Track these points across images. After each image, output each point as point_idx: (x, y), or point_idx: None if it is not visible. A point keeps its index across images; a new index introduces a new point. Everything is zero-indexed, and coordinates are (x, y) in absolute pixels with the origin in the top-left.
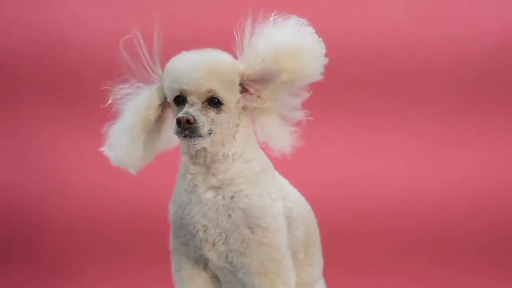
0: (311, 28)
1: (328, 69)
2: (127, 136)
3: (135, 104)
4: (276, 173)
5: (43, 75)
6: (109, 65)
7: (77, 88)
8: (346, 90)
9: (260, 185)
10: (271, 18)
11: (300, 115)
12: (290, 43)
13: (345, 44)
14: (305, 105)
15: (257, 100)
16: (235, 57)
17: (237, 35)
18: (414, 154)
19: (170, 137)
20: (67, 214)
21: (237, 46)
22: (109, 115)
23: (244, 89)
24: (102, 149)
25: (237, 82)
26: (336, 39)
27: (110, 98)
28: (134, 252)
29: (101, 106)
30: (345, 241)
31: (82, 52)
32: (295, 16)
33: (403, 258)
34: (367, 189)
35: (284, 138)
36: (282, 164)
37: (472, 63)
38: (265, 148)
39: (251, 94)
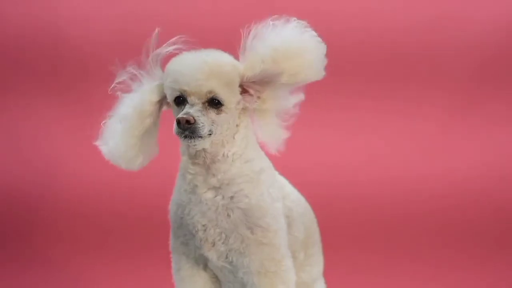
0: (311, 31)
1: (330, 54)
2: (120, 129)
3: (132, 98)
4: (276, 173)
5: (38, 63)
6: (105, 53)
7: (73, 76)
8: (349, 74)
9: (260, 185)
10: (272, 20)
11: (296, 111)
12: (289, 44)
13: (347, 28)
14: (306, 89)
15: (257, 101)
16: (236, 57)
17: (240, 36)
18: (416, 140)
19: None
20: (63, 208)
21: (240, 47)
22: (106, 103)
23: (244, 90)
24: (96, 143)
25: (238, 83)
26: (336, 23)
27: (115, 81)
28: (134, 252)
29: (109, 91)
30: (344, 233)
31: (78, 40)
32: (295, 18)
33: (403, 253)
34: (368, 176)
35: (279, 135)
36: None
37: (479, 49)
38: (264, 147)
39: (251, 95)
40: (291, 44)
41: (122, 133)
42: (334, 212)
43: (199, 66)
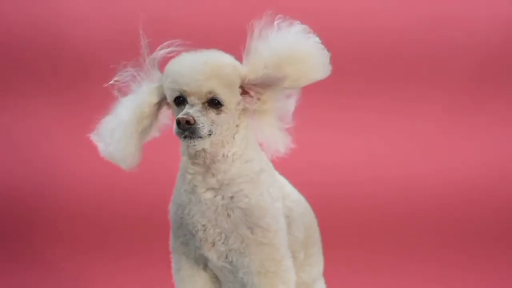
0: (315, 36)
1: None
2: (119, 130)
3: (131, 99)
4: (276, 173)
5: (38, 63)
6: (105, 53)
7: (73, 76)
8: (349, 74)
9: (260, 185)
10: (276, 23)
11: (294, 115)
12: (293, 50)
13: (347, 26)
14: (306, 88)
15: (257, 103)
16: (237, 58)
17: (241, 37)
18: (417, 140)
19: (155, 135)
20: (63, 208)
21: (244, 48)
22: (106, 102)
23: (244, 91)
24: (91, 136)
25: (238, 84)
26: (336, 22)
27: (114, 79)
28: (134, 252)
29: (103, 85)
30: (344, 233)
31: (79, 39)
32: (299, 22)
33: (403, 253)
34: (368, 176)
35: (280, 139)
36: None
37: (479, 48)
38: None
39: (251, 96)
40: (295, 50)
41: (121, 134)
42: (334, 212)
43: (199, 67)
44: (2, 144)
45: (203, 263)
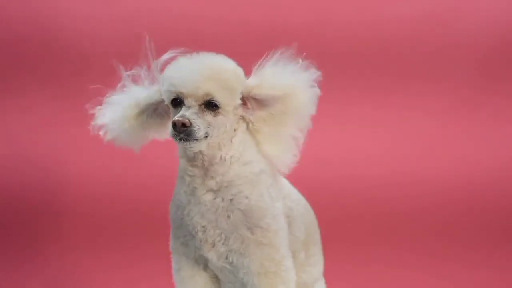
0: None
1: (333, 47)
2: (118, 111)
3: (132, 90)
4: (276, 173)
5: (37, 62)
6: (104, 49)
7: (73, 74)
8: (352, 67)
9: (259, 186)
10: (299, 60)
11: (296, 138)
12: (297, 93)
13: (353, 19)
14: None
15: (253, 114)
16: (239, 62)
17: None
18: (421, 135)
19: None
20: (63, 207)
21: (258, 63)
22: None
23: (244, 102)
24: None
25: (238, 88)
26: (344, 15)
27: (120, 74)
28: (134, 252)
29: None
30: (345, 233)
31: (77, 34)
32: (319, 73)
33: (405, 252)
34: (370, 170)
35: (279, 160)
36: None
37: (483, 43)
38: None
39: (248, 108)
40: (299, 93)
41: (119, 115)
42: (335, 209)
43: (197, 69)
44: (2, 142)
45: (203, 263)
